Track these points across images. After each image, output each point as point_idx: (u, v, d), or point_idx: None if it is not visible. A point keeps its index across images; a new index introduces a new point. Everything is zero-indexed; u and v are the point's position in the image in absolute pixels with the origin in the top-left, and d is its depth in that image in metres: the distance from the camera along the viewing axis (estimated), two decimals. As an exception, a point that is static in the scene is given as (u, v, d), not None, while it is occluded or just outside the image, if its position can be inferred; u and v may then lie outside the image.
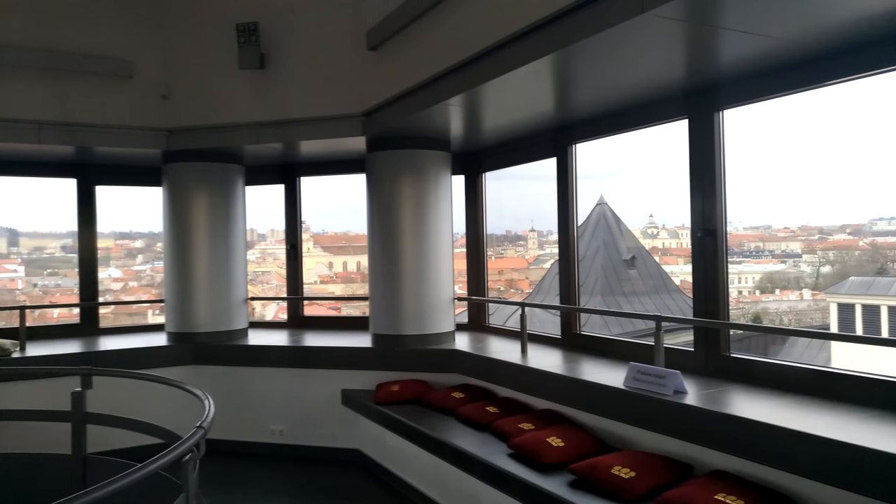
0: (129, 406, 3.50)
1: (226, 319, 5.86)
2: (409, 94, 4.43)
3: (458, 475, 3.84)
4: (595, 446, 3.58)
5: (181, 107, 5.46)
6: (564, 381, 3.94)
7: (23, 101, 4.98)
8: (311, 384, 5.46)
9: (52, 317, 6.60)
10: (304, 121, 5.18)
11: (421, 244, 5.29)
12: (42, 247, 7.06)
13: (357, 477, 5.08)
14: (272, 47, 5.23)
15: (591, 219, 6.65)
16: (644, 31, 2.84)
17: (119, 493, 1.96)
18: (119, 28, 5.35)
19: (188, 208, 5.79)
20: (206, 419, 2.64)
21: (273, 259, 7.42)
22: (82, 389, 3.46)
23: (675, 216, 5.55)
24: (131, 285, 7.22)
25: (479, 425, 4.15)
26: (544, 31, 3.15)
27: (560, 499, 3.04)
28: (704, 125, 3.74)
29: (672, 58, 3.30)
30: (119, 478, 2.02)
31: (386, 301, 5.35)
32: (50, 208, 6.67)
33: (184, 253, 5.79)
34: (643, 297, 6.51)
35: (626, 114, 4.24)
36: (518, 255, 6.84)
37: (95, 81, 5.24)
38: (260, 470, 5.27)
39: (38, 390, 4.58)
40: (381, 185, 5.38)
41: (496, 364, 4.56)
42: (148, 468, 2.14)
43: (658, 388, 3.35)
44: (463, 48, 3.74)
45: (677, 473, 3.13)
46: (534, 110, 4.45)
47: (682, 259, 5.71)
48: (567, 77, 3.71)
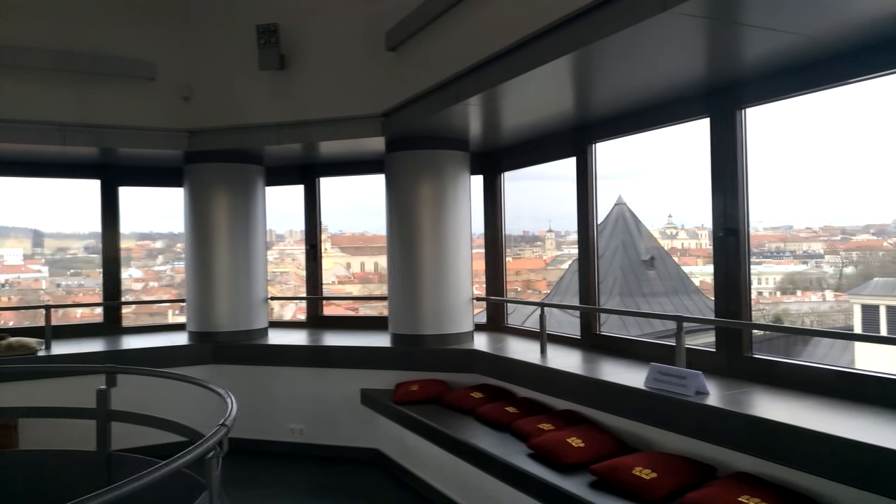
0: (150, 404, 3.54)
1: (246, 319, 5.91)
2: (429, 95, 4.44)
3: (477, 475, 3.84)
4: (615, 447, 3.56)
5: (202, 108, 5.52)
6: (584, 382, 3.93)
7: (48, 104, 5.06)
8: (331, 383, 5.49)
9: (76, 316, 6.69)
10: (323, 121, 5.21)
11: (440, 244, 5.29)
12: (65, 247, 7.17)
13: (376, 476, 5.10)
14: (292, 48, 5.26)
15: (609, 219, 6.61)
16: (665, 30, 2.82)
17: (143, 490, 1.99)
18: (142, 31, 5.42)
19: (209, 209, 5.85)
20: (229, 417, 2.66)
21: (291, 260, 7.47)
22: (107, 387, 3.50)
23: (695, 216, 5.52)
24: (152, 285, 7.30)
25: (499, 425, 4.15)
26: (564, 30, 3.14)
27: (581, 499, 3.03)
28: (726, 124, 3.71)
29: (693, 56, 3.28)
30: (144, 474, 2.04)
31: (405, 301, 5.36)
32: (73, 209, 6.77)
33: (205, 253, 5.85)
34: (662, 297, 6.46)
35: (646, 113, 4.21)
36: (535, 255, 6.82)
37: (118, 84, 5.31)
38: (280, 469, 5.31)
39: (63, 388, 4.63)
40: (400, 186, 5.40)
41: (515, 364, 4.55)
42: (172, 465, 2.17)
43: (679, 388, 3.33)
44: (482, 48, 3.74)
45: (700, 475, 3.10)
46: (553, 109, 4.44)
47: (701, 260, 5.66)
48: (587, 76, 3.70)
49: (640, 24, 2.72)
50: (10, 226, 6.65)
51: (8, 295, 6.65)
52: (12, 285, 6.72)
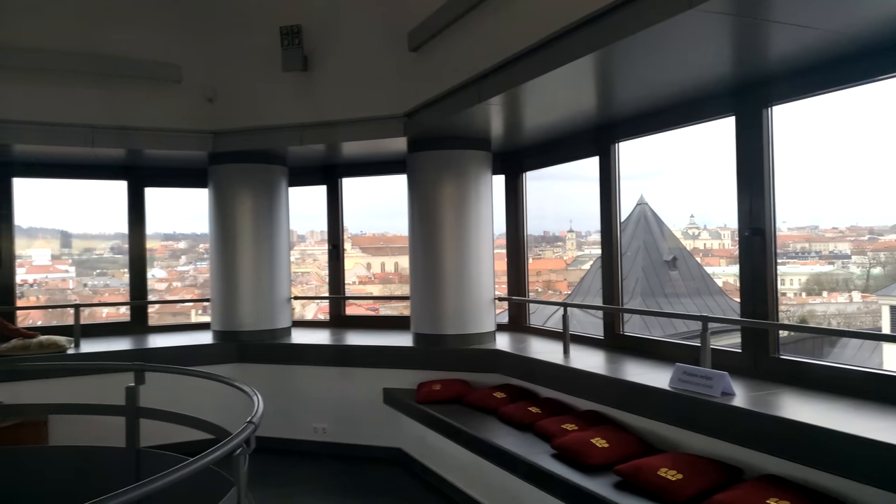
0: (174, 402, 3.56)
1: (270, 318, 5.97)
2: (451, 95, 4.45)
3: (500, 475, 3.83)
4: (640, 448, 3.54)
5: (226, 109, 5.58)
6: (608, 382, 3.91)
7: (77, 106, 5.16)
8: (354, 383, 5.52)
9: (101, 316, 6.80)
10: (346, 122, 5.24)
11: (462, 244, 5.30)
12: (92, 248, 7.28)
13: (399, 475, 5.12)
14: (315, 50, 5.30)
15: (631, 219, 6.57)
16: (690, 27, 2.80)
17: (171, 486, 2.01)
18: (168, 34, 5.50)
19: (233, 209, 5.91)
20: (256, 414, 2.69)
21: (313, 260, 7.52)
22: (136, 385, 3.56)
23: (717, 216, 5.46)
24: (175, 285, 7.39)
25: (522, 425, 4.14)
26: (587, 29, 3.13)
27: (605, 500, 3.02)
28: (752, 122, 3.67)
29: (719, 53, 3.25)
30: (175, 470, 2.08)
31: (427, 301, 5.37)
32: (99, 210, 6.89)
33: (229, 253, 5.91)
34: (684, 298, 6.41)
35: (670, 111, 4.18)
36: (556, 256, 6.80)
37: (145, 86, 5.39)
38: (303, 467, 5.35)
39: (91, 386, 4.69)
40: (423, 186, 5.42)
41: (538, 364, 4.54)
42: (202, 461, 2.20)
43: (705, 389, 3.29)
44: (505, 47, 3.74)
45: (726, 477, 3.07)
46: (576, 109, 4.42)
47: (724, 260, 5.61)
48: (610, 75, 3.68)
49: (665, 23, 2.70)
50: (39, 227, 6.77)
51: (36, 294, 6.77)
52: (40, 285, 6.84)
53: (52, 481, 3.62)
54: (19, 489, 3.62)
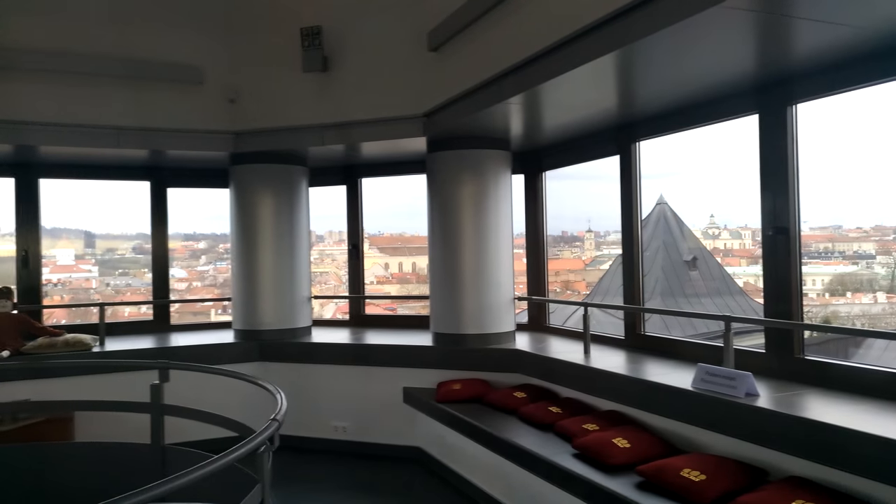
0: (195, 400, 3.59)
1: (290, 317, 6.01)
2: (471, 94, 4.45)
3: (521, 474, 3.83)
4: (662, 448, 3.52)
5: (247, 110, 5.63)
6: (629, 382, 3.89)
7: (103, 108, 5.24)
8: (374, 382, 5.54)
9: (123, 315, 6.89)
10: (366, 122, 5.27)
11: (481, 243, 5.30)
12: (114, 248, 7.38)
13: (419, 474, 5.13)
14: (335, 50, 5.33)
15: (650, 219, 6.53)
16: (713, 24, 2.78)
17: (195, 483, 2.04)
18: (190, 36, 5.56)
19: (254, 209, 5.97)
20: (280, 412, 2.72)
21: (331, 260, 7.56)
22: (160, 382, 3.61)
23: (738, 216, 5.41)
24: (195, 285, 7.47)
25: (542, 425, 4.13)
26: (609, 28, 3.11)
27: (627, 500, 3.01)
28: (776, 120, 3.63)
29: (742, 51, 3.22)
30: (200, 466, 2.10)
31: (446, 300, 5.38)
32: (121, 211, 6.98)
33: (250, 252, 5.97)
34: (704, 298, 6.34)
35: (693, 110, 4.15)
36: (574, 256, 6.77)
37: (168, 88, 5.46)
38: (324, 466, 5.38)
39: (116, 383, 4.76)
40: (442, 185, 5.42)
41: (559, 364, 4.53)
42: (227, 458, 2.22)
43: (728, 389, 3.27)
44: (525, 47, 3.74)
45: (751, 478, 3.04)
46: (596, 108, 4.40)
47: (744, 260, 5.55)
48: (631, 74, 3.67)
49: (688, 20, 2.68)
50: (63, 227, 6.87)
51: (60, 294, 6.88)
52: (64, 285, 6.94)
53: (78, 477, 3.67)
54: (47, 484, 3.68)
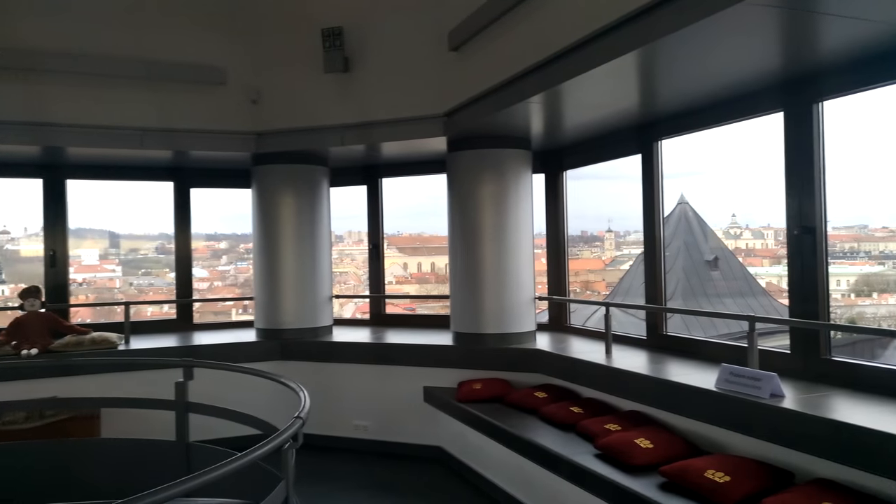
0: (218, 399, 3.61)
1: (312, 317, 6.05)
2: (491, 94, 4.45)
3: (542, 474, 3.82)
4: (685, 449, 3.49)
5: (269, 111, 5.68)
6: (652, 383, 3.86)
7: (128, 110, 5.31)
8: (394, 381, 5.55)
9: (146, 314, 6.97)
10: (386, 122, 5.28)
11: (502, 243, 5.29)
12: (137, 248, 7.48)
13: (439, 473, 5.14)
14: (356, 51, 5.36)
15: (671, 219, 6.47)
16: (738, 21, 2.75)
17: (219, 480, 2.06)
18: (213, 38, 5.62)
19: (276, 209, 6.01)
20: (304, 410, 2.74)
21: (350, 260, 7.60)
22: (185, 380, 3.65)
23: (760, 216, 5.34)
24: (216, 285, 7.54)
25: (564, 425, 4.12)
26: (631, 26, 3.10)
27: (650, 501, 2.99)
28: (802, 117, 3.58)
29: (767, 48, 3.19)
30: (225, 463, 2.12)
31: (467, 299, 5.38)
32: (144, 211, 7.07)
33: (272, 252, 6.02)
34: (726, 298, 6.27)
35: (716, 108, 4.11)
36: (594, 256, 6.73)
37: (191, 89, 5.52)
38: (345, 464, 5.41)
39: (140, 381, 4.81)
40: (462, 185, 5.42)
41: (580, 364, 4.51)
42: (252, 455, 2.24)
43: (753, 390, 3.23)
44: (546, 46, 3.73)
45: (776, 480, 3.01)
46: (618, 106, 4.38)
47: (767, 260, 5.49)
48: (654, 72, 3.64)
49: (713, 17, 2.65)
50: (87, 227, 6.97)
51: (85, 293, 6.98)
52: (89, 284, 7.05)
53: (104, 473, 3.73)
54: (73, 480, 3.74)
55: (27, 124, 5.09)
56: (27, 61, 5.05)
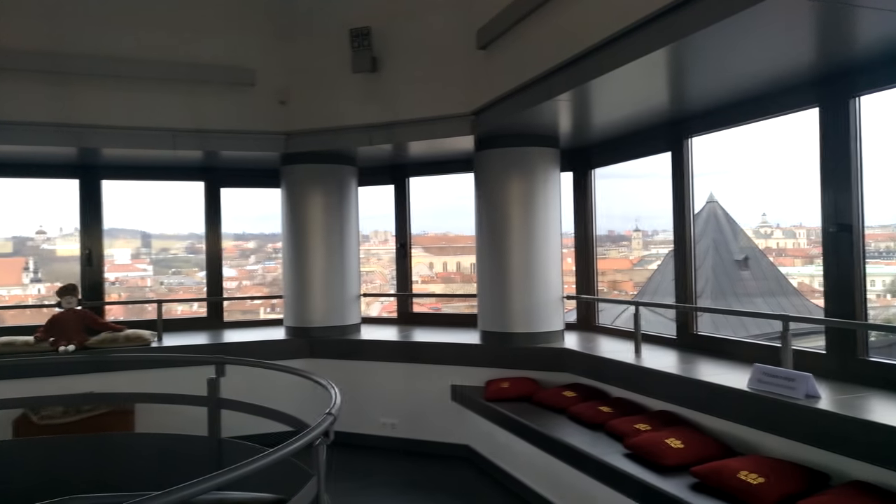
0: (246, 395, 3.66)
1: (340, 315, 6.10)
2: (520, 92, 4.43)
3: (571, 473, 3.80)
4: (717, 450, 3.45)
5: (298, 111, 5.73)
6: (682, 382, 3.82)
7: (161, 111, 5.41)
8: (422, 379, 5.57)
9: (176, 312, 7.08)
10: (414, 121, 5.30)
11: (529, 241, 5.28)
12: (167, 248, 7.60)
13: (467, 472, 5.14)
14: (383, 50, 5.39)
15: (700, 218, 6.38)
16: (772, 15, 2.70)
17: (250, 476, 2.08)
18: (243, 39, 5.70)
19: (305, 208, 6.07)
20: (335, 406, 2.76)
21: (377, 259, 7.63)
22: (216, 377, 3.70)
23: (791, 214, 5.24)
24: (244, 284, 7.62)
25: (592, 425, 4.10)
26: (662, 22, 3.06)
27: (682, 502, 2.96)
28: (838, 113, 3.51)
29: (802, 42, 3.13)
30: (258, 458, 2.14)
31: (494, 298, 5.37)
32: (174, 211, 7.19)
33: (301, 250, 6.08)
34: (757, 298, 6.17)
35: (749, 104, 4.05)
36: (621, 255, 6.67)
37: (222, 90, 5.60)
38: (373, 461, 5.44)
39: (172, 377, 4.87)
40: (490, 184, 5.42)
41: (609, 364, 4.47)
42: (284, 450, 2.26)
43: (787, 391, 3.18)
44: (575, 43, 3.71)
45: (811, 482, 2.96)
46: (647, 103, 4.33)
47: (799, 260, 5.38)
48: (685, 68, 3.60)
49: (744, 12, 2.61)
50: (120, 227, 7.10)
51: (118, 292, 7.11)
52: (121, 283, 7.18)
53: (138, 466, 3.79)
54: (109, 472, 3.81)
55: (64, 126, 5.21)
56: (64, 65, 5.17)
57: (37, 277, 7.02)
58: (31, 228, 6.90)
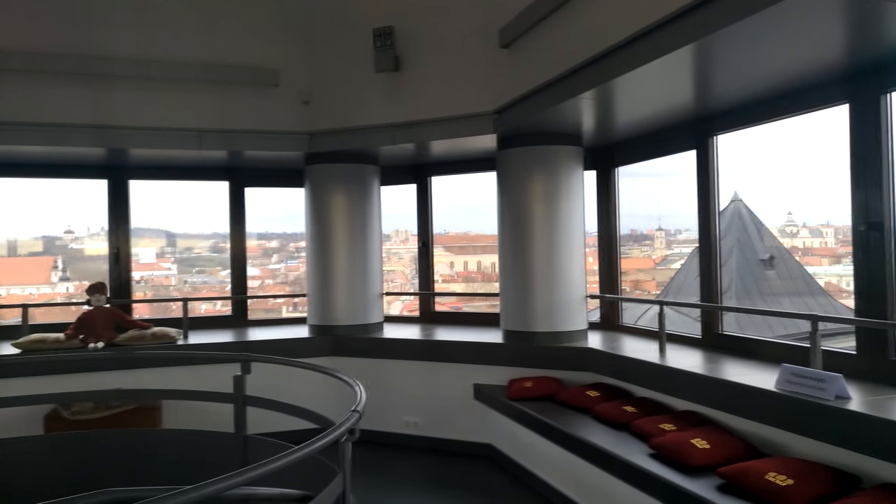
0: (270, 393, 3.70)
1: (363, 313, 6.13)
2: (543, 90, 4.42)
3: (594, 473, 3.79)
4: (744, 450, 3.41)
5: (321, 111, 5.77)
6: (708, 382, 3.78)
7: (187, 112, 5.49)
8: (444, 378, 5.58)
9: (200, 311, 7.17)
10: (437, 120, 5.31)
11: (552, 240, 5.26)
12: (191, 247, 7.70)
13: (490, 471, 5.14)
14: (406, 50, 5.40)
15: (724, 216, 6.31)
16: (800, 10, 2.66)
17: (275, 473, 2.10)
18: (267, 40, 5.76)
19: (328, 207, 6.11)
20: (360, 404, 2.78)
21: (398, 259, 7.65)
22: (242, 374, 3.74)
23: (818, 213, 5.16)
24: (267, 283, 7.69)
25: (617, 424, 4.07)
26: (687, 19, 3.04)
27: (709, 503, 2.92)
28: (869, 109, 3.45)
29: (832, 38, 3.08)
30: (284, 455, 2.16)
31: (517, 297, 5.36)
32: (198, 211, 7.29)
33: (325, 249, 6.12)
34: (783, 298, 6.08)
35: (776, 100, 3.99)
36: (644, 255, 6.61)
37: (247, 91, 5.67)
38: (395, 459, 5.46)
39: (198, 374, 4.95)
40: (513, 182, 5.41)
41: (633, 363, 4.45)
42: (311, 447, 2.28)
43: (817, 391, 3.13)
44: (598, 41, 3.69)
45: (841, 485, 2.91)
46: (672, 101, 4.30)
47: (826, 259, 5.30)
48: (711, 65, 3.56)
49: (772, 7, 2.58)
50: (145, 227, 7.20)
51: (143, 290, 7.22)
52: (146, 282, 7.29)
53: (165, 461, 3.85)
54: (137, 468, 3.88)
55: (93, 127, 5.31)
56: (94, 67, 5.27)
57: (65, 276, 7.15)
58: (60, 228, 7.05)
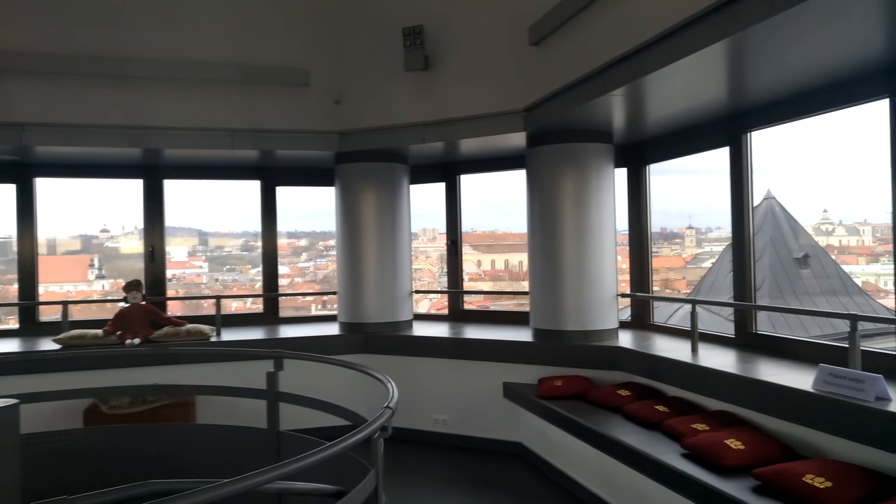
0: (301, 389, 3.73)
1: (392, 311, 6.16)
2: (573, 87, 4.40)
3: (626, 472, 3.76)
4: (780, 452, 3.36)
5: (352, 110, 5.82)
6: (742, 382, 3.73)
7: (219, 112, 5.58)
8: (473, 376, 5.59)
9: (230, 308, 7.27)
10: (467, 119, 5.31)
11: (582, 239, 5.23)
12: (222, 245, 7.82)
13: (520, 469, 5.13)
14: (436, 48, 5.42)
15: (757, 214, 6.21)
16: (836, 5, 2.61)
17: (308, 469, 2.12)
18: (298, 41, 5.82)
19: (358, 206, 6.16)
20: (392, 401, 2.80)
21: (425, 257, 7.68)
22: (275, 371, 3.79)
23: (855, 211, 5.04)
24: (297, 281, 7.77)
25: (648, 424, 4.04)
26: (720, 14, 3.00)
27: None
28: (910, 104, 3.37)
29: (870, 30, 3.01)
30: (318, 451, 2.19)
31: (547, 296, 5.35)
32: (229, 210, 7.40)
33: (355, 248, 6.17)
34: (818, 298, 5.96)
35: (813, 96, 3.92)
36: (674, 253, 6.54)
37: (278, 91, 5.74)
38: (424, 457, 5.48)
39: (231, 371, 5.02)
40: (542, 180, 5.39)
41: (665, 362, 4.41)
42: (344, 444, 2.30)
43: (856, 392, 3.07)
44: (629, 38, 3.66)
45: (881, 488, 2.85)
46: (704, 97, 4.25)
47: (863, 258, 5.18)
48: (745, 61, 3.50)
49: (809, 1, 2.53)
50: (178, 226, 7.33)
51: (175, 288, 7.35)
52: (178, 280, 7.42)
53: (200, 456, 3.92)
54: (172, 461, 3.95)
55: (128, 128, 5.42)
56: (129, 69, 5.39)
57: (101, 274, 7.32)
58: (96, 227, 7.22)
